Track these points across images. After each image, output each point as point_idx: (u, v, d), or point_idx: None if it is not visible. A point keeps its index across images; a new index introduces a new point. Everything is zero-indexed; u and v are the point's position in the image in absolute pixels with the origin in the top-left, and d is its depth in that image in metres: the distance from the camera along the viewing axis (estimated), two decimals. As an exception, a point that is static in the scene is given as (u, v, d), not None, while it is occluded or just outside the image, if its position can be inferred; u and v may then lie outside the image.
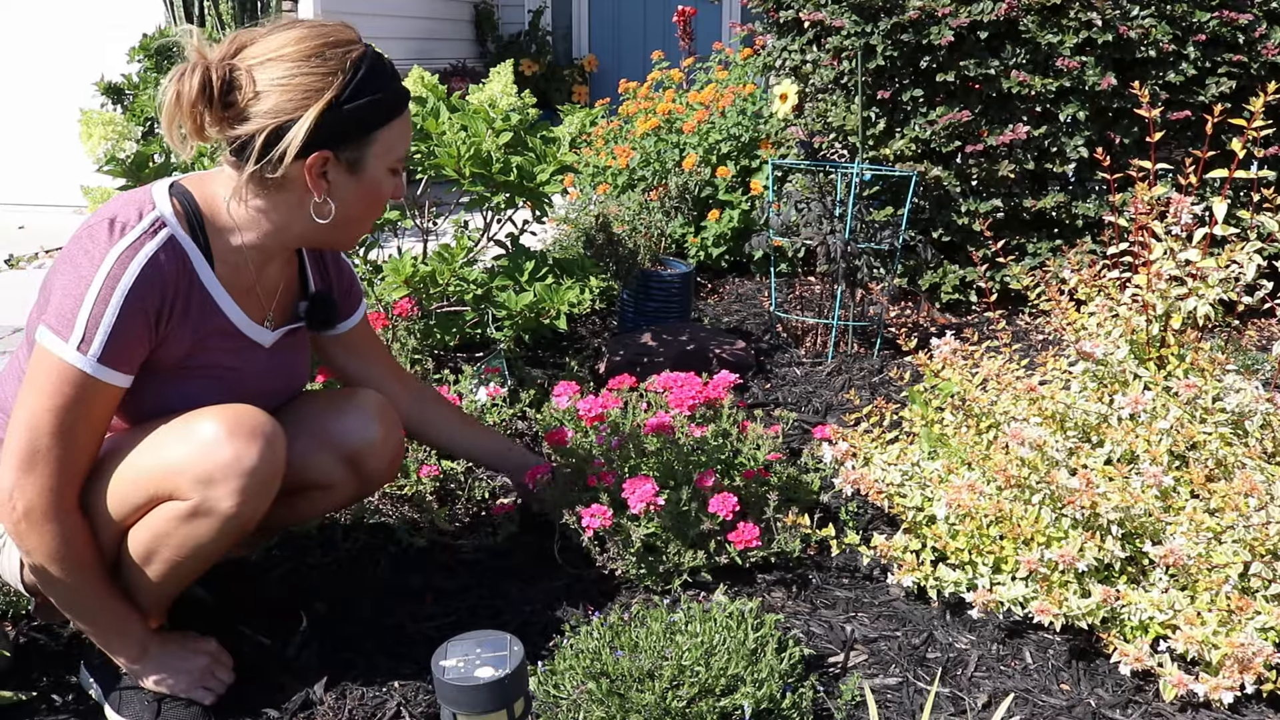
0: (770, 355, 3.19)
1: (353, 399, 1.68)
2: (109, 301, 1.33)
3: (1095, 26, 3.31)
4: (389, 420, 1.68)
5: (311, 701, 1.56)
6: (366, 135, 1.43)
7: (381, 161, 1.46)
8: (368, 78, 1.41)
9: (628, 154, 4.22)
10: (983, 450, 1.92)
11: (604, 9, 7.83)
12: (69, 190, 3.21)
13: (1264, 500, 1.61)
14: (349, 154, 1.43)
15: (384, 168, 1.47)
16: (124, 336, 1.35)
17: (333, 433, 1.64)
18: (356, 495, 1.72)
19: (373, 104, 1.42)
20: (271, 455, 1.40)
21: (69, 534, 1.38)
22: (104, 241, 1.36)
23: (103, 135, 2.34)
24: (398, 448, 1.71)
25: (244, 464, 1.37)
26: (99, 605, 1.46)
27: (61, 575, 1.40)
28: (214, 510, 1.38)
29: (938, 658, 1.69)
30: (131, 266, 1.34)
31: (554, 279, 2.57)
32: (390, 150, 1.47)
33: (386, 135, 1.45)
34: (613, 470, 1.96)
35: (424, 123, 2.54)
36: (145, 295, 1.36)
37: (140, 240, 1.37)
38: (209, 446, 1.37)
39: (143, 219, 1.39)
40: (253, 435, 1.39)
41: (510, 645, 1.21)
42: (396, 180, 1.50)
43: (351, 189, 1.46)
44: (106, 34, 4.82)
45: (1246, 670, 1.51)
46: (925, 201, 3.61)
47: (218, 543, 1.43)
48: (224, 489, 1.37)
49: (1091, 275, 2.11)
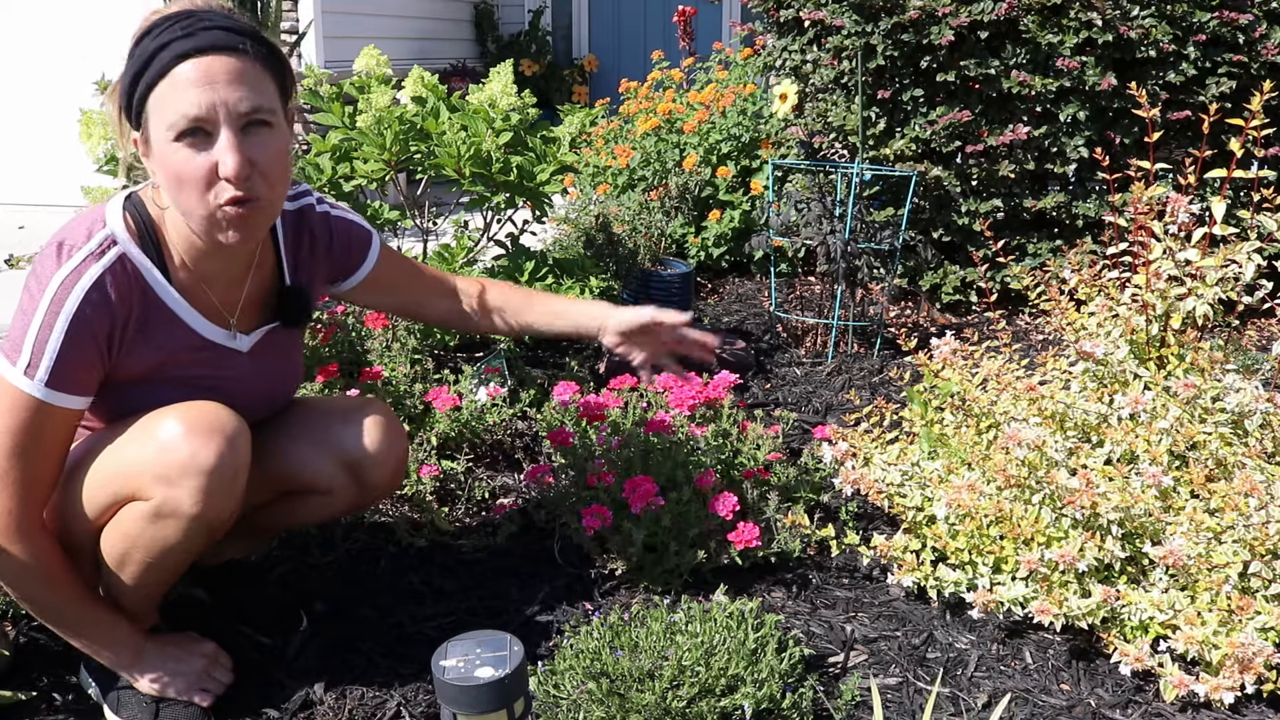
0: (770, 355, 3.19)
1: (360, 408, 1.67)
2: (53, 327, 1.32)
3: (1095, 26, 3.31)
4: (393, 431, 1.67)
5: (311, 701, 1.56)
6: (143, 108, 1.32)
7: (160, 132, 1.31)
8: (137, 46, 1.33)
9: (628, 154, 4.22)
10: (983, 450, 1.92)
11: (604, 9, 7.82)
12: (69, 190, 3.21)
13: (1264, 500, 1.61)
14: (144, 131, 1.34)
15: (164, 138, 1.30)
16: (71, 361, 1.33)
17: (336, 440, 1.63)
18: (357, 503, 1.71)
19: (136, 74, 1.32)
20: (232, 453, 1.38)
21: (35, 552, 1.38)
22: (51, 266, 1.34)
23: (103, 135, 2.34)
24: (401, 459, 1.70)
25: (200, 463, 1.35)
26: (79, 618, 1.46)
27: (34, 593, 1.41)
28: (177, 510, 1.37)
29: (938, 658, 1.69)
30: (75, 291, 1.33)
31: (554, 279, 2.57)
32: (163, 118, 1.30)
33: (156, 102, 1.31)
34: (613, 470, 1.96)
35: (424, 123, 2.54)
36: (91, 320, 1.34)
37: (85, 263, 1.35)
38: (167, 446, 1.36)
39: (90, 239, 1.36)
40: (210, 433, 1.36)
41: (510, 645, 1.21)
42: (194, 153, 1.30)
43: (155, 167, 1.35)
44: (106, 34, 4.82)
45: (1247, 670, 1.51)
46: (925, 201, 3.61)
47: (188, 543, 1.41)
48: (183, 489, 1.35)
49: (1091, 275, 2.11)
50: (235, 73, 1.30)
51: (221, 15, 1.34)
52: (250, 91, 1.31)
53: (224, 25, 1.32)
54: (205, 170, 1.30)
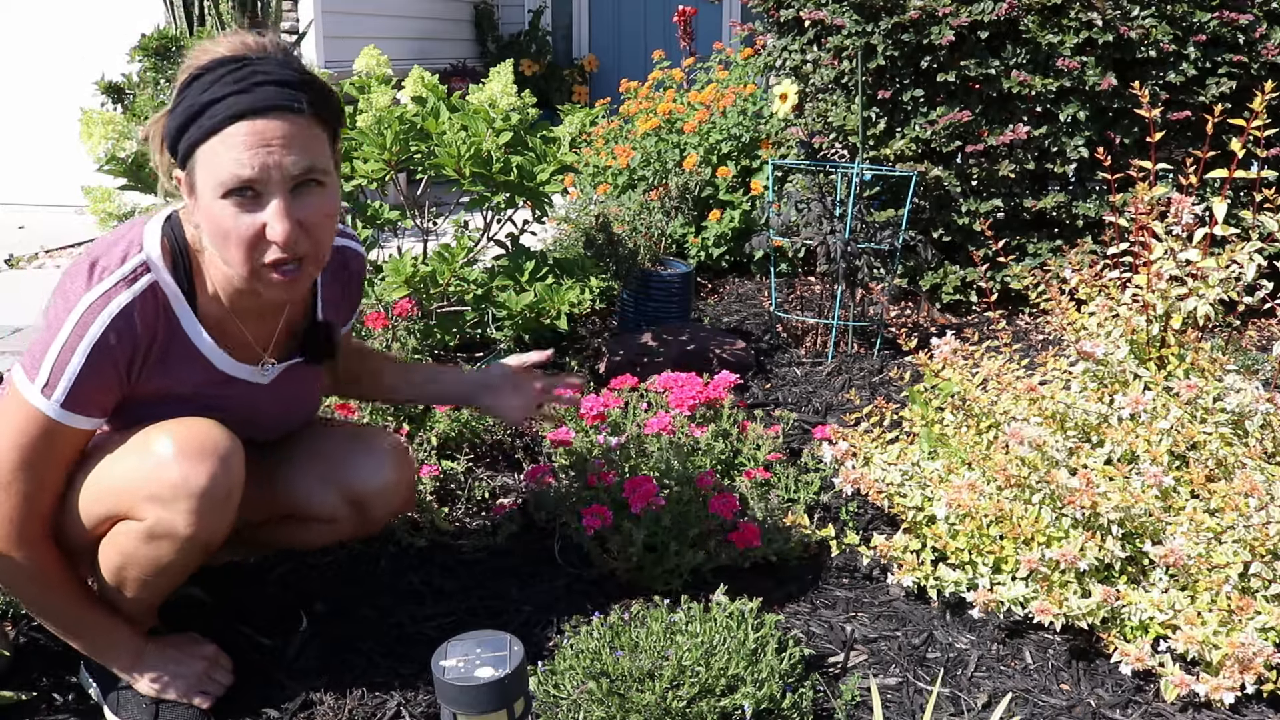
0: (770, 355, 3.19)
1: (369, 440, 1.66)
2: (75, 350, 1.31)
3: (1095, 26, 3.31)
4: (401, 466, 1.66)
5: (311, 701, 1.56)
6: (190, 155, 1.30)
7: (208, 185, 1.29)
8: (188, 89, 1.30)
9: (628, 154, 4.22)
10: (983, 450, 1.92)
11: (604, 9, 7.82)
12: (69, 190, 3.21)
13: (1264, 500, 1.61)
14: (189, 177, 1.32)
15: (212, 193, 1.28)
16: (89, 385, 1.33)
17: (343, 474, 1.63)
18: (360, 532, 1.71)
19: (185, 122, 1.29)
20: (225, 474, 1.36)
21: (36, 560, 1.38)
22: (81, 286, 1.33)
23: (103, 135, 2.33)
24: (406, 494, 1.70)
25: (193, 485, 1.34)
26: (80, 622, 1.46)
27: (34, 599, 1.41)
28: (171, 532, 1.36)
29: (938, 658, 1.69)
30: (101, 317, 1.32)
31: (554, 279, 2.57)
32: (213, 174, 1.27)
33: (205, 155, 1.28)
34: (613, 470, 1.96)
35: (424, 123, 2.54)
36: (114, 347, 1.33)
37: (115, 289, 1.33)
38: (159, 466, 1.35)
39: (125, 263, 1.35)
40: (203, 455, 1.35)
41: (510, 645, 1.21)
42: (240, 212, 1.28)
43: (199, 214, 1.33)
44: (106, 34, 4.82)
45: (1247, 670, 1.51)
46: (925, 201, 3.61)
47: (184, 561, 1.42)
48: (175, 510, 1.35)
49: (1092, 275, 2.11)
50: (289, 135, 1.28)
51: (277, 65, 1.31)
52: (303, 154, 1.29)
53: (279, 80, 1.29)
54: (253, 231, 1.29)
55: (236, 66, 1.29)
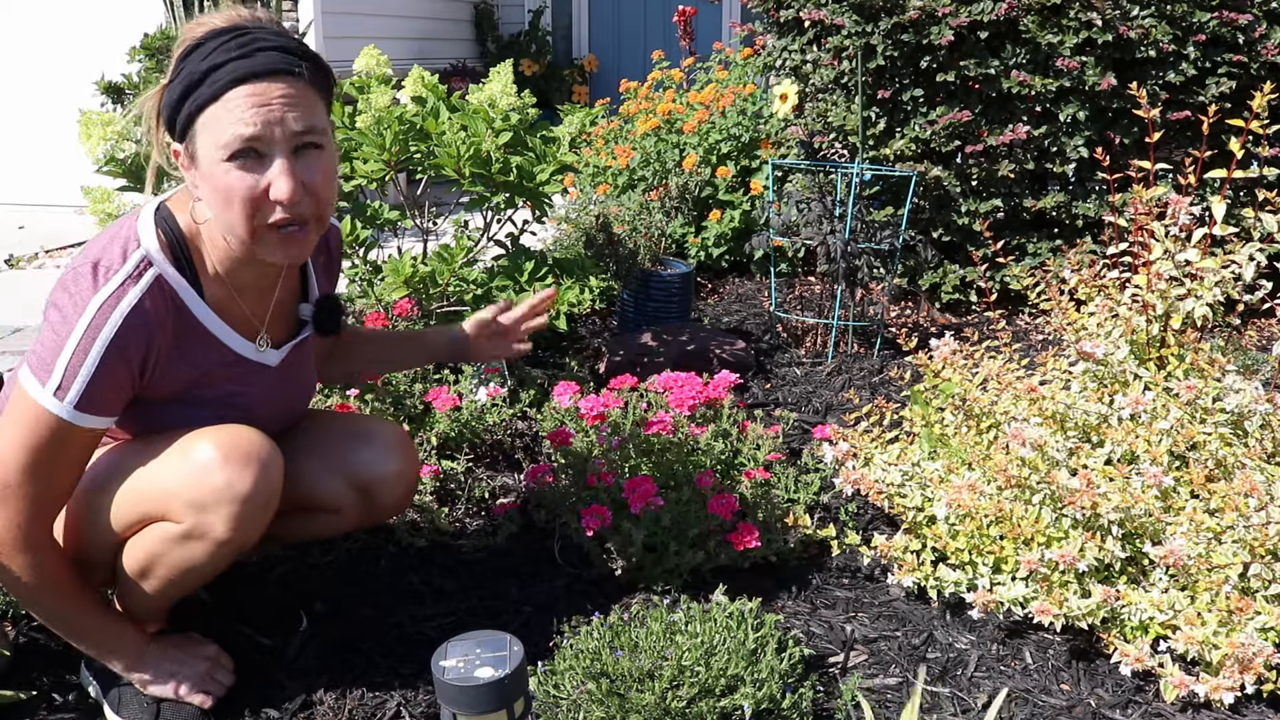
0: (770, 355, 3.19)
1: (373, 429, 1.67)
2: (89, 351, 1.31)
3: (1095, 26, 3.31)
4: (406, 454, 1.67)
5: (311, 701, 1.56)
6: (190, 124, 1.32)
7: (210, 150, 1.31)
8: (186, 60, 1.32)
9: (628, 154, 4.22)
10: (983, 450, 1.92)
11: (604, 9, 7.82)
12: (69, 190, 3.21)
13: (1264, 500, 1.61)
14: (189, 146, 1.34)
15: (215, 157, 1.31)
16: (103, 384, 1.33)
17: (348, 462, 1.64)
18: (365, 522, 1.71)
19: (185, 91, 1.31)
20: (266, 481, 1.38)
21: (39, 564, 1.38)
22: (87, 287, 1.33)
23: (102, 135, 2.33)
24: (411, 482, 1.70)
25: (237, 490, 1.35)
26: (84, 624, 1.46)
27: (38, 601, 1.41)
28: (207, 535, 1.37)
29: (938, 658, 1.69)
30: (114, 316, 1.32)
31: (554, 279, 2.57)
32: (215, 137, 1.30)
33: (207, 121, 1.31)
34: (613, 470, 1.96)
35: (424, 123, 2.54)
36: (128, 344, 1.33)
37: (124, 287, 1.33)
38: (202, 471, 1.35)
39: (127, 260, 1.35)
40: (247, 461, 1.36)
41: (510, 645, 1.21)
42: (244, 174, 1.31)
43: (201, 182, 1.35)
44: (106, 34, 4.82)
45: (1247, 670, 1.51)
46: (925, 201, 3.61)
47: (213, 564, 1.42)
48: (216, 515, 1.36)
49: (1091, 275, 2.11)
50: (290, 97, 1.32)
51: (274, 34, 1.34)
52: (303, 115, 1.33)
53: (278, 46, 1.33)
54: (257, 191, 1.32)
55: (236, 34, 1.32)
